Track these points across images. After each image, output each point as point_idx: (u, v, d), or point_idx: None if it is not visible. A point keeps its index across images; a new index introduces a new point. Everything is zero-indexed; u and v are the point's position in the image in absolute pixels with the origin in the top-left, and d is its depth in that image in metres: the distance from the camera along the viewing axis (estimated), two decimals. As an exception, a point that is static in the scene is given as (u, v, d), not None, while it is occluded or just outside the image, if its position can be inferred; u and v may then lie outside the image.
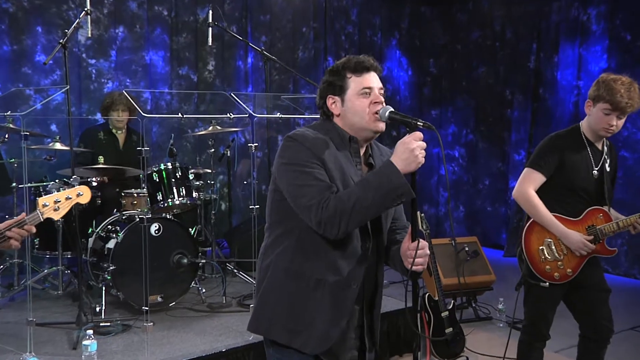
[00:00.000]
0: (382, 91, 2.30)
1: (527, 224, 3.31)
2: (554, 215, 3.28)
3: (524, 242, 3.30)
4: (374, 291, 2.37)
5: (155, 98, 6.77)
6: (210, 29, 5.59)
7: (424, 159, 2.11)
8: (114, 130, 5.61)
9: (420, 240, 2.19)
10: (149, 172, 4.93)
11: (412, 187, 2.12)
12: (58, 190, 4.38)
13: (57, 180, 4.95)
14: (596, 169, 3.31)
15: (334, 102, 2.31)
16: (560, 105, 7.37)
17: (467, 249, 5.33)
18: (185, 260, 4.74)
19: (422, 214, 4.32)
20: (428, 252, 2.22)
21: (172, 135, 5.53)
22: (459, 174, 8.45)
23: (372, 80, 2.29)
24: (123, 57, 6.52)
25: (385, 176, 2.09)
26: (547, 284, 3.25)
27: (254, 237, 4.61)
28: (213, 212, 5.76)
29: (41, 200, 2.62)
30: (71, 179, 4.28)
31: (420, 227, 4.15)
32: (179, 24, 6.85)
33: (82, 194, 2.73)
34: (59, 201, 2.66)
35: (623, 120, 3.25)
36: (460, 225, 8.33)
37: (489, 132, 8.17)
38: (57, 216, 2.66)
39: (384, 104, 2.27)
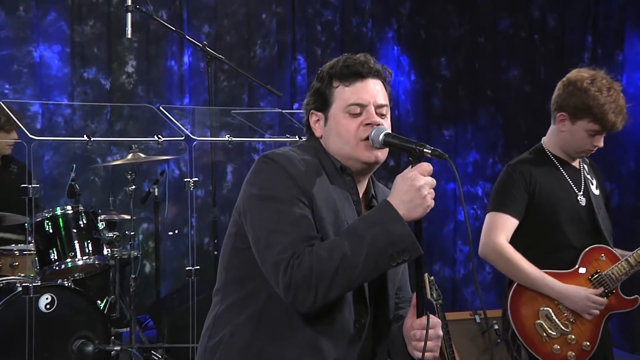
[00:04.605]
0: (385, 109, 2.31)
1: (512, 292, 3.31)
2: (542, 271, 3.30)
3: (512, 320, 3.29)
4: None
5: (48, 112, 6.71)
6: (129, 14, 5.58)
7: (433, 201, 2.11)
8: (-16, 160, 5.56)
9: (431, 316, 2.18)
10: (38, 219, 4.86)
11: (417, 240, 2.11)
12: None
13: None
14: (580, 193, 3.39)
15: (317, 119, 2.33)
16: (628, 122, 7.44)
17: (496, 327, 5.31)
18: (90, 348, 4.66)
19: (432, 278, 4.31)
20: (440, 333, 2.21)
21: (74, 166, 5.47)
22: (484, 220, 8.45)
23: (367, 91, 2.30)
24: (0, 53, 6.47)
25: (381, 224, 2.09)
26: None
27: (192, 312, 4.56)
28: (133, 276, 5.67)
29: None
30: None
31: (429, 296, 4.13)
32: (84, 6, 6.83)
33: None
34: None
35: None
36: (487, 292, 8.31)
37: (525, 160, 8.22)
38: None
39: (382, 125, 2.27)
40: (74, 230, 4.93)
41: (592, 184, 3.49)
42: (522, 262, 3.27)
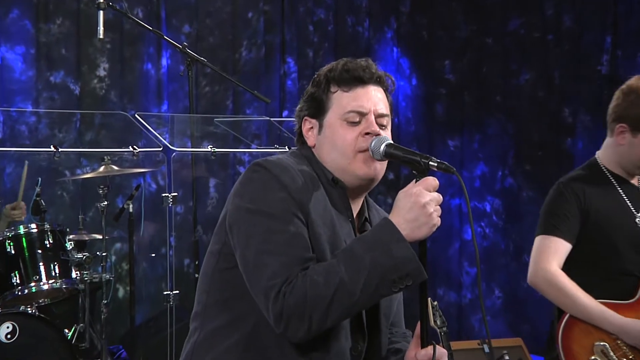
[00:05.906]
0: (386, 120, 2.30)
1: (563, 324, 3.29)
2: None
3: (564, 356, 3.27)
4: None
5: (10, 120, 6.70)
6: (101, 12, 5.57)
7: (439, 219, 2.10)
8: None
9: (437, 347, 2.17)
10: (-2, 239, 4.85)
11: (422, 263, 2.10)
12: None
13: None
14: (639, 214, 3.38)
15: (311, 127, 2.33)
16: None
17: (507, 357, 5.30)
18: (56, 382, 4.64)
19: (435, 303, 4.29)
20: (446, 365, 2.21)
21: (39, 179, 5.47)
22: (493, 239, 8.46)
23: (368, 99, 2.31)
24: (-44, 54, 6.48)
25: (381, 246, 2.08)
26: None
27: (171, 341, 4.55)
28: (105, 301, 5.65)
29: None
30: None
31: (432, 323, 4.12)
32: (50, 3, 6.83)
33: None
34: None
35: None
36: (497, 319, 8.31)
37: (537, 173, 8.22)
38: None
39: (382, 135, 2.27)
40: (39, 251, 4.91)
41: None
42: (577, 293, 3.25)
